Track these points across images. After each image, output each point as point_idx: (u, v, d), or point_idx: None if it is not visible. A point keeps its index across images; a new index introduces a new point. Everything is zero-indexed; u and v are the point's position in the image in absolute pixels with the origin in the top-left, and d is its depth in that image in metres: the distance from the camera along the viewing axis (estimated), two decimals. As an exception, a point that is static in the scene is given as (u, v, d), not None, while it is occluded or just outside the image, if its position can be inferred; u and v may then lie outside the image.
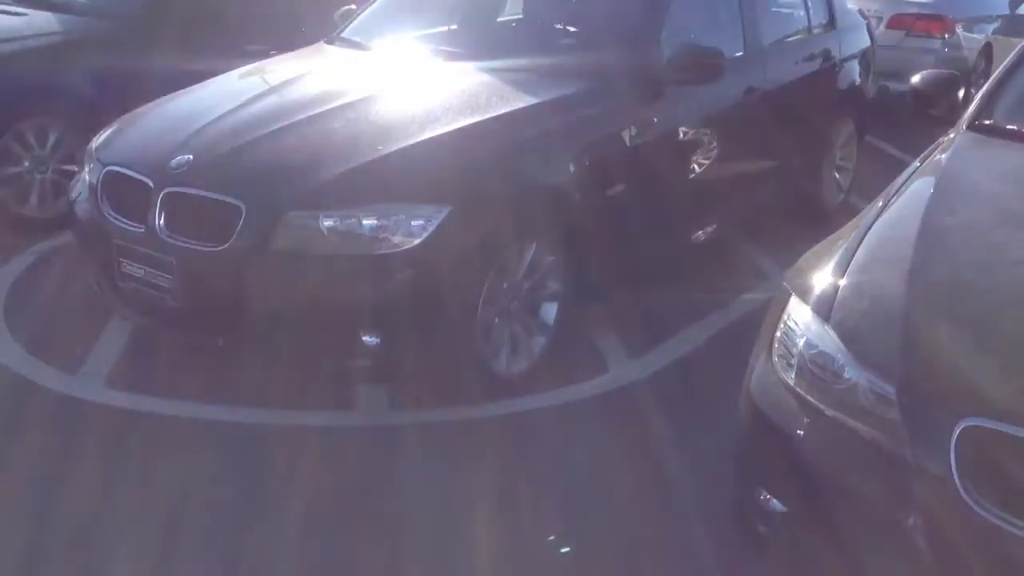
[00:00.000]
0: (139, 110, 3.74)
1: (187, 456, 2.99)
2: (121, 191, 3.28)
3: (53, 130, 4.74)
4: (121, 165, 3.32)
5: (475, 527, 2.71)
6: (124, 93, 4.55)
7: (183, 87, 3.95)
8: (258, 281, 3.01)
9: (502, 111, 3.47)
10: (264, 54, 4.89)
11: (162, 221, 3.10)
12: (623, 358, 3.70)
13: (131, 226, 3.19)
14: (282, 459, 2.99)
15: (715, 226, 4.37)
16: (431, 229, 2.99)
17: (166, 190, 3.11)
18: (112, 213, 3.28)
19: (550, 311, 3.52)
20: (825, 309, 2.18)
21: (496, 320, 3.29)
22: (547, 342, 3.51)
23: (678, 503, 2.84)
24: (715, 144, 4.20)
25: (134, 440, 3.05)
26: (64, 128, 4.75)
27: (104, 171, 3.34)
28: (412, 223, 2.99)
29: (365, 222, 2.97)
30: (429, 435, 3.16)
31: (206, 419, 3.18)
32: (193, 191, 3.10)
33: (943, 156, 2.84)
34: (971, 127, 2.98)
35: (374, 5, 4.70)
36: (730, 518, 2.41)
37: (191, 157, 3.17)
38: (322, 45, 4.44)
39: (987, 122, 2.98)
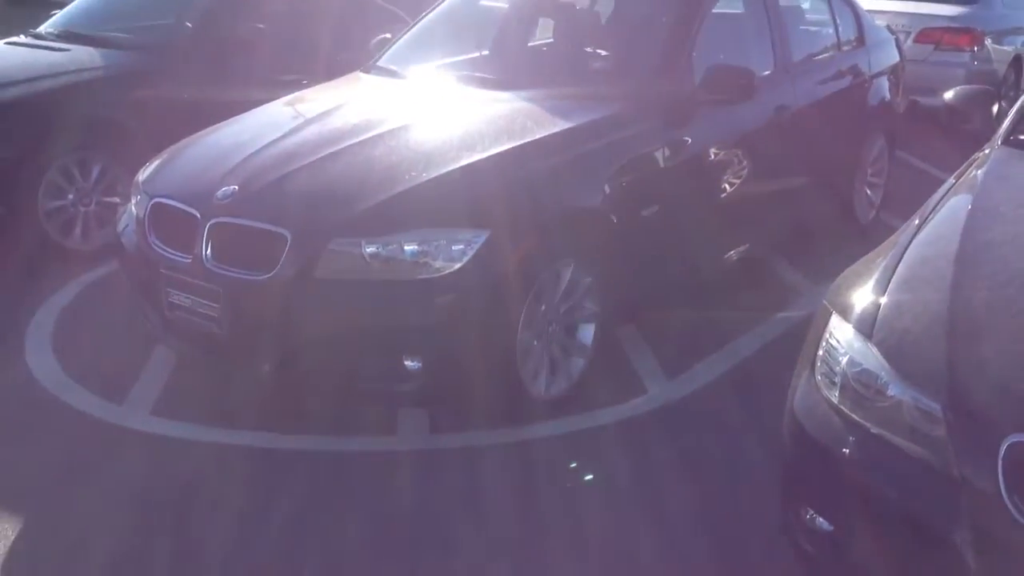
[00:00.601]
0: (183, 142, 3.83)
1: (233, 483, 3.05)
2: (168, 222, 3.36)
3: (96, 163, 4.87)
4: (168, 197, 3.40)
5: (521, 550, 2.74)
6: (165, 125, 4.68)
7: (222, 118, 4.05)
8: (303, 308, 3.07)
9: (537, 136, 3.53)
10: (298, 83, 5.00)
11: (209, 251, 3.18)
12: (661, 379, 3.72)
13: (178, 256, 3.27)
14: (327, 484, 3.04)
15: (748, 244, 4.39)
16: (471, 253, 3.04)
17: (213, 221, 3.19)
18: (159, 244, 3.36)
19: (587, 333, 3.55)
20: (867, 327, 2.19)
21: (535, 342, 3.33)
22: (585, 364, 3.54)
23: (726, 523, 2.85)
24: (747, 163, 4.23)
25: (181, 468, 3.12)
26: (107, 161, 4.88)
27: (151, 203, 3.43)
28: (452, 248, 3.04)
29: (407, 248, 3.03)
30: (470, 458, 3.19)
31: (251, 446, 3.24)
32: (239, 221, 3.17)
33: (979, 172, 2.85)
34: (1007, 142, 2.98)
35: (408, 34, 4.79)
36: (778, 537, 2.42)
37: (236, 188, 3.25)
38: (358, 74, 4.53)
39: (1022, 137, 2.99)
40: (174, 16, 5.74)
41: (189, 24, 5.51)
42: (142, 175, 3.67)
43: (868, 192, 5.45)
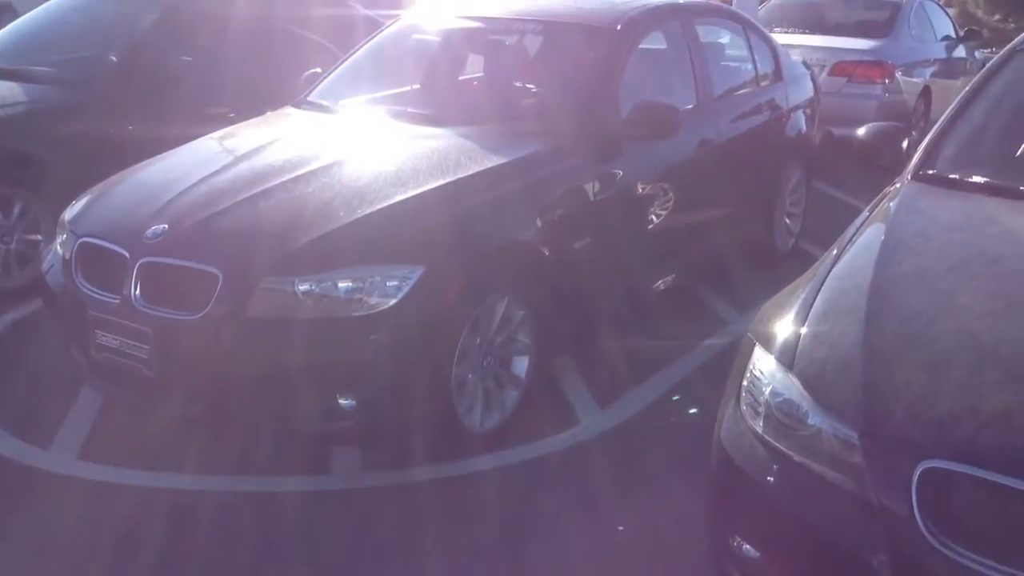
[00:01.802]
0: (110, 180, 3.78)
1: (164, 527, 2.99)
2: (96, 262, 3.31)
3: (17, 200, 4.76)
4: (96, 236, 3.35)
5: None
6: (89, 161, 4.62)
7: (149, 154, 4.00)
8: (235, 348, 3.05)
9: (469, 172, 3.58)
10: (226, 117, 4.97)
11: (138, 291, 3.14)
12: (593, 409, 3.79)
13: (106, 297, 3.22)
14: (260, 526, 3.01)
15: (675, 274, 4.51)
16: (406, 290, 3.06)
17: (142, 260, 3.16)
18: (86, 284, 3.30)
19: (521, 365, 3.60)
20: (788, 358, 2.28)
21: (469, 376, 3.36)
22: (519, 396, 3.59)
23: (656, 551, 2.91)
24: (672, 195, 4.36)
25: (110, 514, 3.05)
26: (29, 198, 4.78)
27: (78, 242, 3.37)
28: (387, 284, 3.06)
29: (341, 285, 3.04)
30: (405, 495, 3.20)
31: (182, 489, 3.19)
32: (169, 260, 3.14)
33: (891, 205, 2.98)
34: (916, 177, 3.13)
35: (339, 68, 4.81)
36: (707, 565, 2.48)
37: (166, 226, 3.22)
38: (289, 109, 4.53)
39: (931, 172, 3.14)
40: (98, 50, 5.66)
41: (114, 58, 5.43)
42: (68, 213, 3.61)
43: (787, 221, 5.65)
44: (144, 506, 3.11)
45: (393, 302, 3.05)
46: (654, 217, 4.29)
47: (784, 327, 2.40)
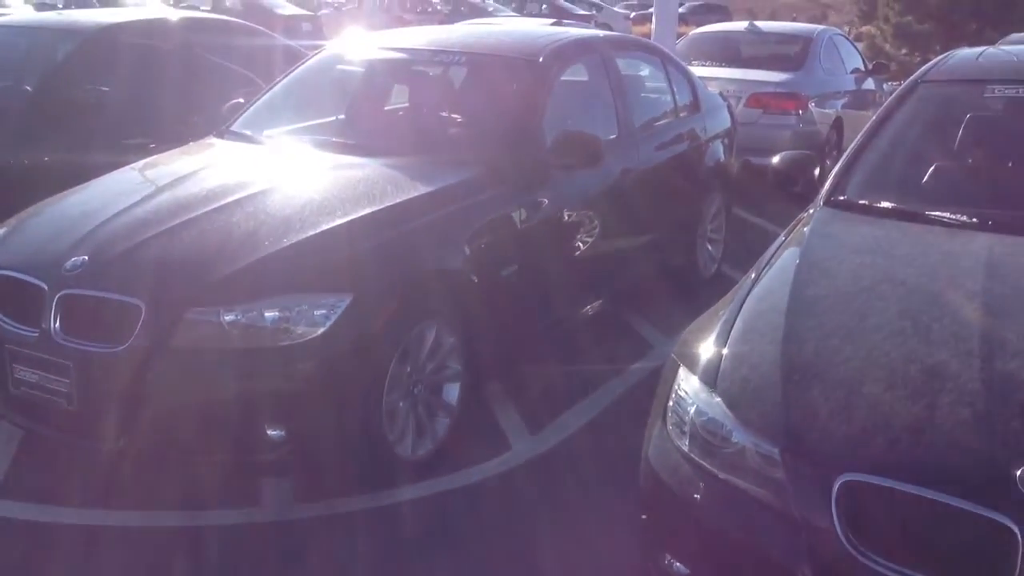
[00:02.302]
0: (27, 211, 3.69)
1: (89, 566, 2.92)
2: (12, 295, 3.22)
3: (-73, 232, 4.59)
4: (12, 269, 3.26)
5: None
6: (3, 192, 4.49)
7: (67, 185, 3.92)
8: (159, 380, 2.99)
9: (396, 200, 3.59)
10: (146, 148, 4.90)
11: (57, 324, 3.07)
12: (524, 434, 3.82)
13: (24, 330, 3.14)
14: (191, 561, 2.95)
15: (602, 300, 4.59)
16: (334, 318, 3.06)
17: (61, 293, 3.09)
18: (3, 318, 3.21)
19: (452, 392, 3.61)
20: (711, 378, 2.36)
21: (400, 404, 3.36)
22: (451, 423, 3.60)
23: (591, 573, 2.94)
24: (598, 223, 4.45)
25: (30, 552, 2.96)
26: (-61, 229, 4.61)
27: (-7, 275, 3.28)
28: (315, 313, 3.05)
29: (267, 314, 3.02)
30: (337, 525, 3.17)
31: (108, 525, 3.11)
32: (90, 292, 3.08)
33: (805, 230, 3.11)
34: (828, 203, 3.27)
35: (263, 98, 4.79)
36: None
37: (86, 258, 3.15)
38: (212, 139, 4.49)
39: (842, 198, 3.28)
40: (12, 79, 5.54)
41: (28, 87, 5.31)
42: (-18, 246, 3.50)
43: (709, 247, 5.80)
44: (64, 544, 3.01)
45: (321, 331, 3.04)
46: (580, 244, 4.37)
47: (707, 348, 2.48)
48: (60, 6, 16.45)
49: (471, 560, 3.00)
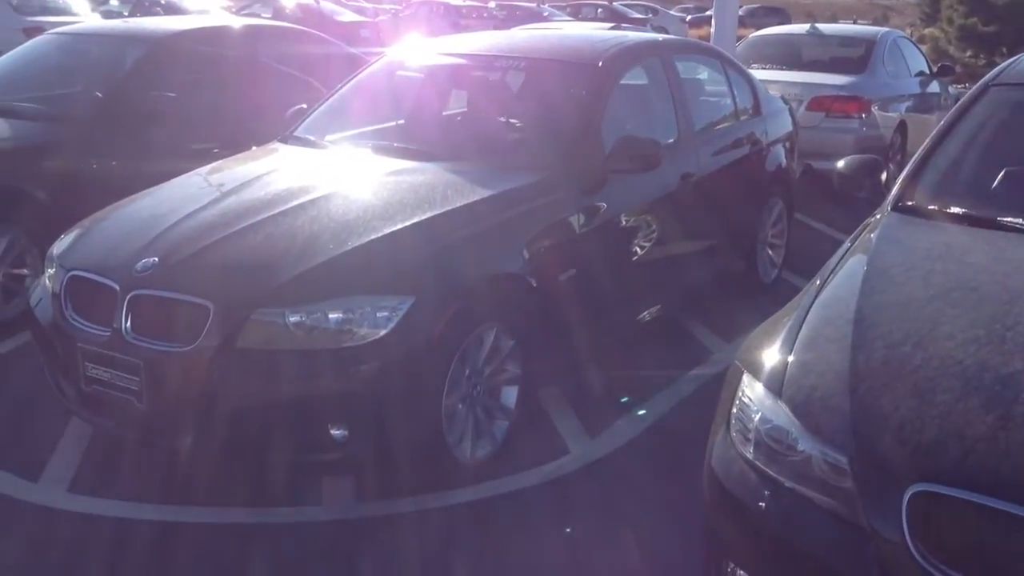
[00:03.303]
0: (99, 214, 3.80)
1: (153, 560, 2.98)
2: (85, 296, 3.32)
3: (3, 235, 4.75)
4: (85, 270, 3.36)
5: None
6: (75, 196, 4.64)
7: (135, 189, 4.03)
8: (226, 380, 3.06)
9: (457, 204, 3.62)
10: (210, 153, 5.01)
11: (128, 324, 3.15)
12: (583, 438, 3.81)
13: (96, 330, 3.22)
14: (252, 558, 3.00)
15: (660, 305, 4.56)
16: (396, 320, 3.09)
17: (132, 293, 3.17)
18: (76, 318, 3.31)
19: (511, 395, 3.62)
20: (776, 385, 2.33)
21: (459, 406, 3.38)
22: (509, 426, 3.61)
23: (646, 578, 2.93)
24: (656, 227, 4.43)
25: (101, 547, 3.04)
26: (14, 233, 4.77)
27: (68, 276, 3.38)
28: (377, 315, 3.09)
29: (331, 316, 3.06)
30: (396, 526, 3.20)
31: (173, 521, 3.18)
32: (160, 293, 3.16)
33: (872, 236, 3.05)
34: (896, 208, 3.21)
35: (325, 103, 4.86)
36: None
37: (157, 259, 3.23)
38: (276, 144, 4.57)
39: (910, 203, 3.22)
40: (83, 85, 5.70)
41: (99, 94, 5.47)
42: (57, 248, 3.61)
43: (770, 252, 5.73)
44: (133, 539, 3.09)
45: (383, 333, 3.07)
46: (638, 249, 4.35)
47: (771, 355, 2.45)
48: (126, 14, 16.87)
49: (528, 563, 3.00)
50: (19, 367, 4.27)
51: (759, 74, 6.90)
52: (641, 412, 4.02)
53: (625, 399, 3.99)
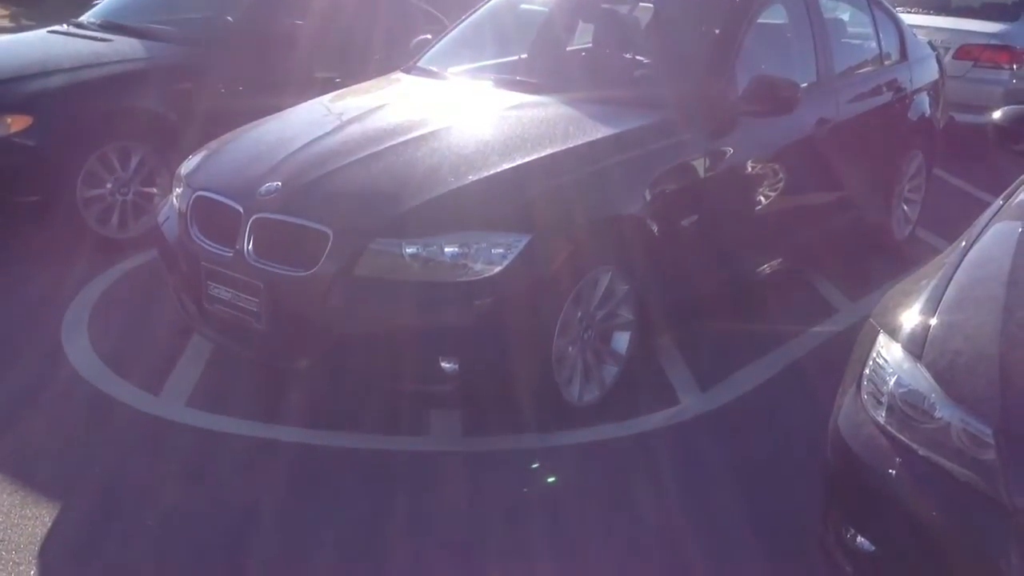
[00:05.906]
0: (225, 137, 3.85)
1: (263, 477, 3.06)
2: (210, 216, 3.38)
3: (135, 153, 4.90)
4: (211, 191, 3.42)
5: (544, 556, 2.73)
6: (203, 118, 4.75)
7: (260, 114, 4.07)
8: (342, 306, 3.08)
9: (578, 142, 3.52)
10: (333, 82, 5.02)
11: (251, 246, 3.19)
12: (694, 389, 3.70)
13: (220, 250, 3.29)
14: (354, 482, 3.04)
15: (782, 258, 4.36)
16: (511, 257, 3.04)
17: (255, 216, 3.21)
18: (201, 237, 3.38)
19: (622, 340, 3.54)
20: (917, 347, 2.18)
21: (570, 349, 3.32)
22: (619, 372, 3.53)
23: (754, 539, 2.83)
24: (785, 175, 4.21)
25: (215, 460, 3.13)
26: (146, 152, 4.92)
27: (194, 196, 3.45)
28: (493, 251, 3.04)
29: (447, 250, 3.03)
30: (501, 462, 3.19)
31: (282, 440, 3.25)
32: (282, 217, 3.18)
33: (1029, 194, 2.81)
34: (1057, 165, 2.95)
35: (448, 35, 4.80)
36: (815, 557, 2.40)
37: (280, 184, 3.26)
38: (399, 74, 4.54)
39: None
40: (215, 10, 5.79)
41: (230, 18, 5.55)
42: (184, 168, 3.69)
43: (905, 208, 5.40)
44: (247, 455, 3.17)
45: (498, 269, 3.03)
46: (764, 198, 4.15)
47: (912, 316, 2.29)
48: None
49: (630, 510, 2.94)
50: (146, 283, 4.42)
51: (906, 18, 6.46)
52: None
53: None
